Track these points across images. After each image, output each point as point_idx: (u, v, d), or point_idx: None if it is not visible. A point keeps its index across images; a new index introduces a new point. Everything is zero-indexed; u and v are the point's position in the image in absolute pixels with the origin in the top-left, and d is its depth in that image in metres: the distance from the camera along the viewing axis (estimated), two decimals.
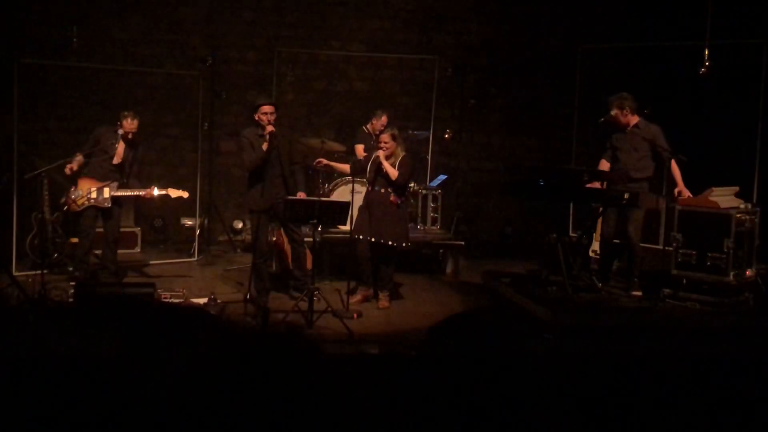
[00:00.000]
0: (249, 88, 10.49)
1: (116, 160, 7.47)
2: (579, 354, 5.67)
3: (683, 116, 8.65)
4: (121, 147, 7.44)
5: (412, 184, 9.12)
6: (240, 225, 10.39)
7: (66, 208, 7.63)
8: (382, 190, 6.96)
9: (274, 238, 8.30)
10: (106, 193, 7.41)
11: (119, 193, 7.48)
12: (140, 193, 7.56)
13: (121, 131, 7.39)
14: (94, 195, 7.37)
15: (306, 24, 10.53)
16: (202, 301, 6.87)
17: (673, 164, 7.12)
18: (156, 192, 7.52)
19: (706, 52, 7.22)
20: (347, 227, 7.12)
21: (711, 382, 4.34)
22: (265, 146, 6.80)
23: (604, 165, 7.33)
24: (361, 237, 6.98)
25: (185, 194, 7.74)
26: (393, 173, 6.91)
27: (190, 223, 9.78)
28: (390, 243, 6.95)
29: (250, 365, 1.82)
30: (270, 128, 6.71)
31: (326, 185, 8.69)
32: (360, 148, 8.69)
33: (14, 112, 7.94)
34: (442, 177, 9.66)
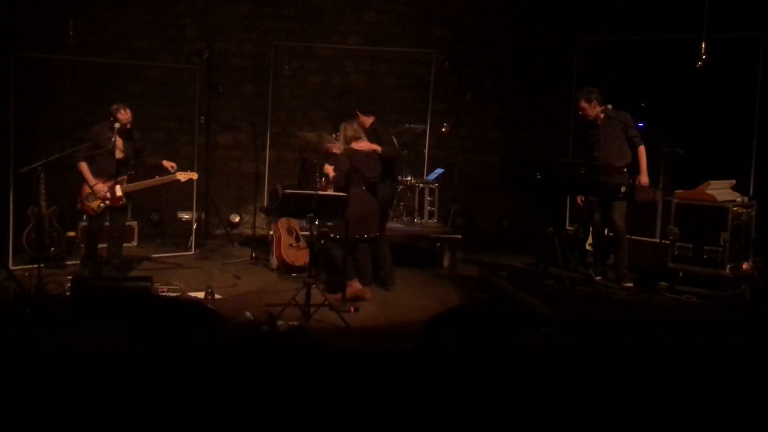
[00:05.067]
0: (245, 82, 10.48)
1: (119, 155, 7.42)
2: (576, 347, 5.69)
3: (680, 110, 8.66)
4: (119, 141, 7.38)
5: (408, 178, 9.18)
6: (237, 219, 10.39)
7: (84, 214, 7.59)
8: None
9: (271, 232, 8.30)
10: (119, 191, 7.35)
11: (132, 188, 7.45)
12: (151, 183, 7.59)
13: (117, 125, 7.29)
14: (108, 195, 7.35)
15: (303, 17, 10.51)
16: (200, 294, 6.88)
17: (641, 152, 7.15)
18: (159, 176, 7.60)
19: (703, 46, 7.21)
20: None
21: (707, 375, 4.36)
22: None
23: None
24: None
25: (194, 175, 7.86)
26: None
27: (186, 216, 9.77)
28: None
29: (249, 359, 1.82)
30: None
31: (323, 179, 8.68)
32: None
33: (10, 106, 7.91)
34: (439, 171, 9.68)
